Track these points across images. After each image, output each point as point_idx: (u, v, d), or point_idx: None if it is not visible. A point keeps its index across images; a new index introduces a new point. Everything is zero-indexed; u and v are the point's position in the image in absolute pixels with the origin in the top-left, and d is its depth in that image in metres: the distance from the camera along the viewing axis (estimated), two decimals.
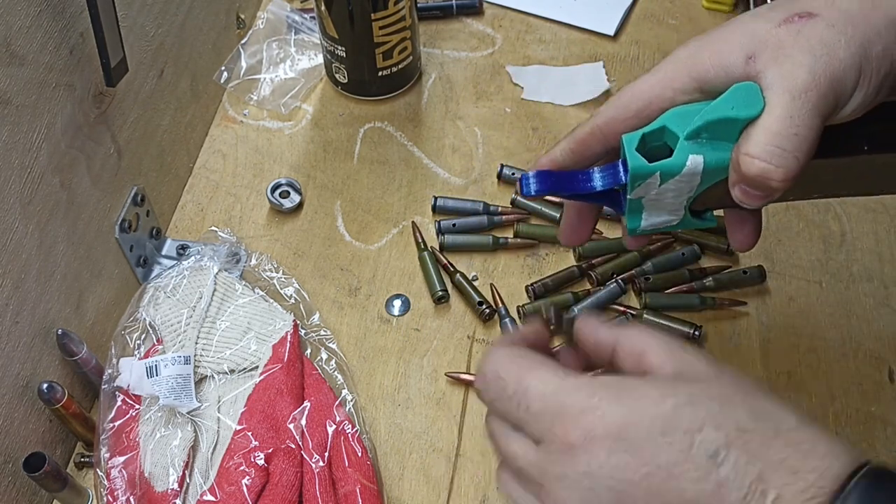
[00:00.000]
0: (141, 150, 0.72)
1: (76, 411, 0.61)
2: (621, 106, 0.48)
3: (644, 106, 0.47)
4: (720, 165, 0.45)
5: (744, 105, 0.43)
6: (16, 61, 0.54)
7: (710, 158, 0.45)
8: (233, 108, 0.86)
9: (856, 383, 0.67)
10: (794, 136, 0.42)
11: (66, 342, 0.61)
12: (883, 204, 0.77)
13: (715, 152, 0.45)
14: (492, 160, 0.81)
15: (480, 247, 0.75)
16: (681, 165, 0.45)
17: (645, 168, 0.45)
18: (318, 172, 0.81)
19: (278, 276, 0.72)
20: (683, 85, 0.46)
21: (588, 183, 0.48)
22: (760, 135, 0.43)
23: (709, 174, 0.45)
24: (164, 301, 0.67)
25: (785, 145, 0.42)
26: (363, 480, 0.60)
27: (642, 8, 0.93)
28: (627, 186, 0.46)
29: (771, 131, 0.42)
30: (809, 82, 0.42)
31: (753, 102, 0.43)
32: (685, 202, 0.48)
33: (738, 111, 0.43)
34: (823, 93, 0.42)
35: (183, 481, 0.60)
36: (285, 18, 0.90)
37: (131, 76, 0.66)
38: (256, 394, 0.63)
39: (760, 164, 0.42)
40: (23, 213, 0.57)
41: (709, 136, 0.45)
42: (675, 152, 0.45)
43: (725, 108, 0.43)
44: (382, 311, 0.72)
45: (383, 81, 0.84)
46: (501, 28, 0.92)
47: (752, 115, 0.43)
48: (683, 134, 0.45)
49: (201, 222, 0.78)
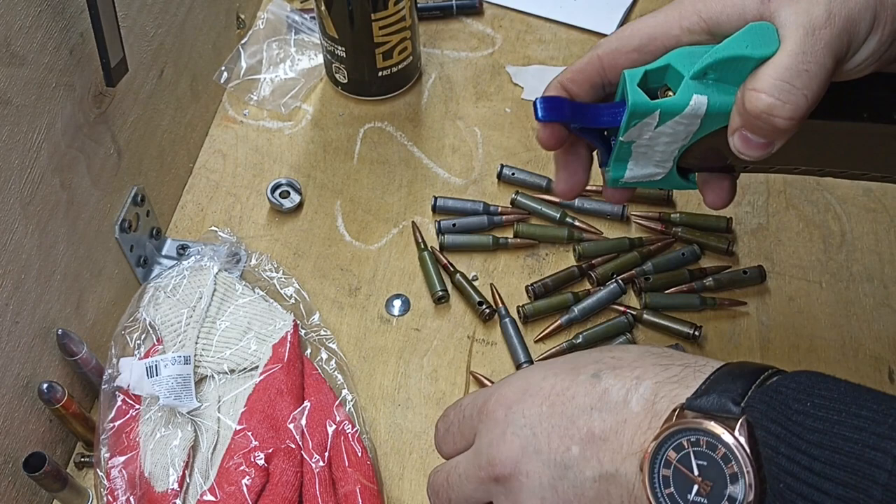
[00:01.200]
0: (141, 150, 0.72)
1: (76, 411, 0.62)
2: (624, 38, 0.47)
3: (648, 41, 0.46)
4: (723, 110, 0.44)
5: (759, 44, 0.42)
6: (16, 61, 0.54)
7: (714, 100, 0.43)
8: (233, 108, 0.86)
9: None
10: (805, 72, 0.41)
11: (66, 342, 0.61)
12: (883, 204, 0.77)
13: (720, 95, 0.43)
14: (492, 160, 0.81)
15: (480, 247, 0.75)
16: (683, 104, 0.43)
17: (646, 105, 0.44)
18: (318, 172, 0.81)
19: (278, 276, 0.72)
20: (692, 24, 0.45)
21: (594, 115, 0.46)
22: (771, 70, 0.42)
23: (710, 118, 0.44)
24: (164, 301, 0.67)
25: (795, 81, 0.41)
26: (363, 480, 0.60)
27: (642, 8, 0.93)
28: (622, 127, 0.45)
29: (782, 66, 0.41)
30: (825, 19, 0.41)
31: (769, 42, 0.42)
32: (676, 152, 0.46)
33: (753, 49, 0.42)
34: (838, 32, 0.41)
35: (183, 481, 0.60)
36: (285, 18, 0.90)
37: (131, 76, 0.66)
38: (256, 394, 0.63)
39: (768, 100, 0.41)
40: (23, 213, 0.57)
41: (716, 77, 0.43)
42: (679, 90, 0.44)
43: (739, 47, 0.42)
44: (382, 311, 0.72)
45: (383, 81, 0.84)
46: (501, 28, 0.92)
47: (766, 55, 0.42)
48: (690, 73, 0.43)
49: (201, 222, 0.78)
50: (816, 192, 0.78)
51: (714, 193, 0.51)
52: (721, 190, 0.51)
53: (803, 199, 0.77)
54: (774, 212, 0.77)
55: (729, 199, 0.51)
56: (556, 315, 0.71)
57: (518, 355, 0.68)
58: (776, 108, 0.41)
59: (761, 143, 0.43)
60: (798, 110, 0.42)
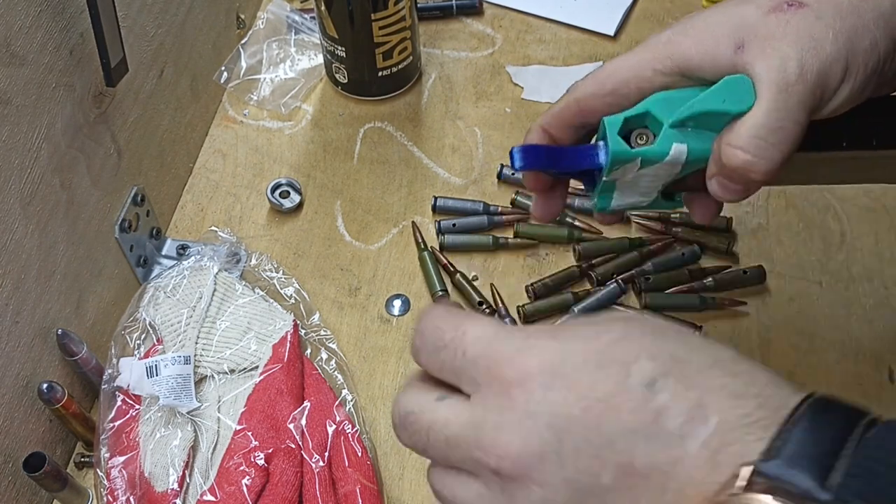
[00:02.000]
0: (141, 150, 0.72)
1: (76, 411, 0.61)
2: (598, 82, 0.47)
3: (621, 84, 0.46)
4: (703, 156, 0.44)
5: (736, 99, 0.43)
6: (16, 61, 0.54)
7: (693, 148, 0.44)
8: (233, 108, 0.86)
9: (856, 383, 0.67)
10: (780, 129, 0.42)
11: (66, 342, 0.61)
12: (883, 204, 0.77)
13: (699, 142, 0.44)
14: (492, 160, 0.81)
15: (480, 247, 0.75)
16: (664, 153, 0.44)
17: (626, 153, 0.44)
18: (318, 172, 0.81)
19: (278, 276, 0.72)
20: (665, 67, 0.45)
21: (571, 160, 0.47)
22: (746, 127, 0.42)
23: (690, 163, 0.45)
24: (164, 301, 0.67)
25: (769, 138, 0.42)
26: (363, 480, 0.60)
27: (642, 8, 0.93)
28: (605, 169, 0.46)
29: (756, 124, 0.42)
30: (797, 75, 0.41)
31: (745, 97, 0.42)
32: (660, 186, 0.47)
33: (730, 105, 0.43)
34: (811, 87, 0.42)
35: (183, 481, 0.60)
36: (285, 18, 0.90)
37: (131, 76, 0.66)
38: (256, 394, 0.63)
39: (744, 156, 0.42)
40: (23, 213, 0.57)
41: (694, 126, 0.44)
42: (659, 139, 0.44)
43: (717, 101, 0.43)
44: (382, 311, 0.72)
45: (383, 81, 0.84)
46: (501, 28, 0.92)
47: (743, 110, 0.43)
48: (668, 121, 0.44)
49: (201, 222, 0.78)
50: (816, 192, 0.78)
51: (700, 210, 0.51)
52: (707, 206, 0.51)
53: (803, 199, 0.77)
54: (774, 212, 0.77)
55: (716, 213, 0.51)
56: (556, 315, 0.71)
57: None
58: (752, 164, 0.42)
59: (738, 189, 0.44)
60: (773, 164, 0.42)
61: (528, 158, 0.46)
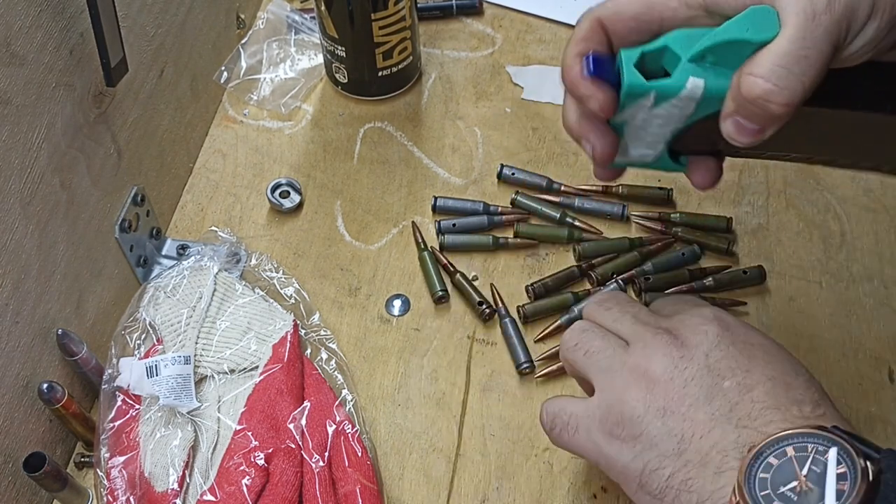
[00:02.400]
0: (141, 150, 0.72)
1: (76, 411, 0.61)
2: (622, 3, 0.46)
3: (646, 9, 0.45)
4: (719, 94, 0.43)
5: (759, 28, 0.41)
6: (16, 61, 0.54)
7: (711, 84, 0.43)
8: (233, 108, 0.86)
9: (856, 383, 0.67)
10: (804, 58, 0.41)
11: (66, 342, 0.61)
12: (883, 204, 0.77)
13: (717, 78, 0.43)
14: (492, 160, 0.81)
15: (480, 247, 0.75)
16: (679, 87, 0.43)
17: (641, 85, 0.43)
18: (318, 172, 0.81)
19: (278, 276, 0.72)
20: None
21: None
22: (769, 54, 0.41)
23: (706, 102, 0.44)
24: (164, 301, 0.67)
25: (793, 66, 0.41)
26: (363, 480, 0.60)
27: None
28: (621, 102, 0.44)
29: (781, 51, 0.41)
30: (825, 5, 0.41)
31: (769, 26, 0.41)
32: (669, 134, 0.46)
33: (753, 34, 0.41)
34: (837, 18, 0.41)
35: (183, 481, 0.60)
36: (285, 18, 0.90)
37: (131, 76, 0.66)
38: (256, 394, 0.63)
39: (765, 85, 0.41)
40: (23, 213, 0.57)
41: (714, 61, 0.43)
42: (676, 72, 0.43)
43: (740, 30, 0.42)
44: (382, 311, 0.72)
45: (383, 81, 0.84)
46: (501, 28, 0.92)
47: (766, 39, 0.41)
48: (688, 55, 0.43)
49: (201, 222, 0.78)
50: (816, 192, 0.78)
51: (700, 174, 0.50)
52: (708, 171, 0.50)
53: (803, 199, 0.77)
54: (774, 212, 0.77)
55: (716, 179, 0.51)
56: (556, 315, 0.71)
57: (518, 355, 0.68)
58: (772, 94, 0.41)
59: (753, 130, 0.43)
60: (794, 96, 0.41)
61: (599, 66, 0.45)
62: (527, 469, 0.64)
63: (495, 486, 0.63)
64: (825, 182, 0.78)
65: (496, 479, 0.63)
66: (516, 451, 0.64)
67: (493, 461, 0.64)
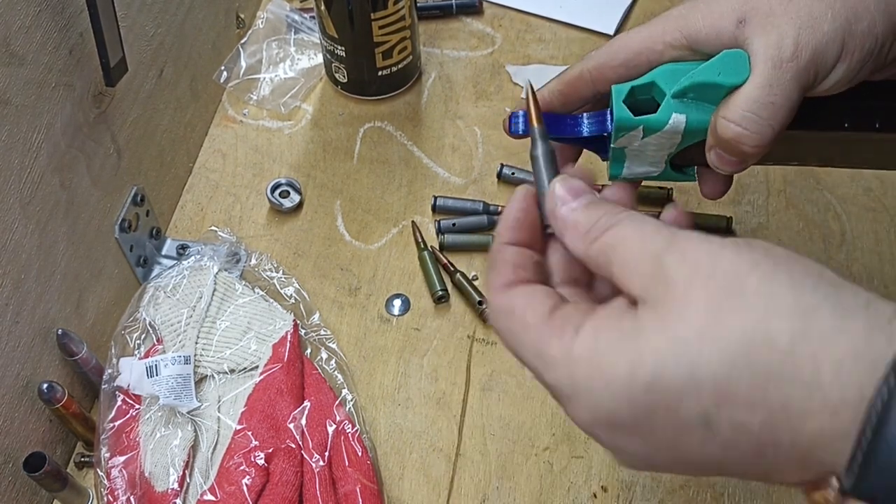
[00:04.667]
0: (141, 150, 0.72)
1: (76, 411, 0.61)
2: (611, 53, 0.48)
3: (633, 56, 0.47)
4: (701, 127, 0.46)
5: (730, 72, 0.44)
6: (15, 61, 0.54)
7: (692, 119, 0.46)
8: (232, 108, 0.86)
9: None
10: (771, 104, 0.43)
11: (66, 342, 0.61)
12: (883, 204, 0.77)
13: (698, 114, 0.46)
14: (492, 160, 0.81)
15: (480, 246, 0.75)
16: (663, 122, 0.46)
17: (629, 121, 0.46)
18: (318, 172, 0.81)
19: (278, 276, 0.72)
20: (674, 40, 0.46)
21: (576, 128, 0.48)
22: (739, 100, 0.44)
23: (690, 134, 0.46)
24: (164, 301, 0.67)
25: (761, 112, 0.43)
26: (363, 480, 0.60)
27: (642, 7, 0.93)
28: (612, 137, 0.47)
29: (749, 98, 0.43)
30: (791, 52, 0.43)
31: (740, 70, 0.44)
32: (666, 157, 0.49)
33: (724, 77, 0.44)
34: (804, 65, 0.43)
35: (183, 481, 0.60)
36: (285, 18, 0.90)
37: (131, 76, 0.66)
38: (256, 393, 0.63)
39: (735, 129, 0.44)
40: (23, 213, 0.57)
41: (694, 97, 0.45)
42: (660, 109, 0.46)
43: (712, 73, 0.44)
44: (382, 311, 0.72)
45: (383, 81, 0.84)
46: (501, 27, 0.92)
47: (736, 83, 0.44)
48: (671, 91, 0.46)
49: (201, 222, 0.78)
50: (816, 192, 0.78)
51: (709, 184, 0.52)
52: (716, 181, 0.51)
53: (803, 198, 0.77)
54: (774, 211, 0.77)
55: (724, 189, 0.52)
56: None
57: None
58: (743, 137, 0.44)
59: (734, 161, 0.46)
60: (763, 139, 0.44)
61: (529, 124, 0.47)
62: (527, 469, 0.64)
63: (495, 486, 0.63)
64: (825, 181, 0.78)
65: (496, 478, 0.63)
66: (516, 450, 0.64)
67: (493, 461, 0.64)
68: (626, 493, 0.62)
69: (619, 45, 0.48)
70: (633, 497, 0.62)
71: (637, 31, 0.48)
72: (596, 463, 0.63)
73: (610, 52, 0.48)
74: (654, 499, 0.62)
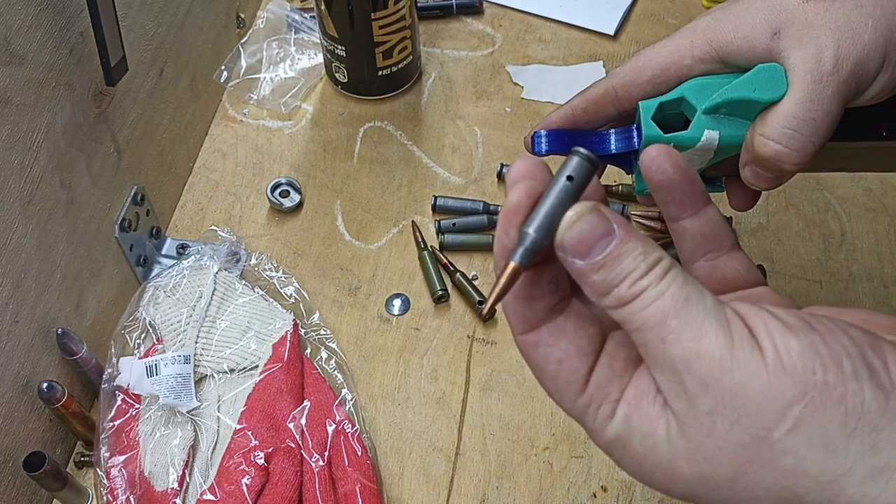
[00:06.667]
0: (141, 150, 0.72)
1: (76, 411, 0.61)
2: (637, 70, 0.46)
3: (660, 72, 0.46)
4: (735, 143, 0.44)
5: (767, 87, 0.42)
6: (16, 61, 0.54)
7: (725, 135, 0.44)
8: (233, 108, 0.86)
9: None
10: (812, 120, 0.41)
11: (66, 341, 0.61)
12: (883, 204, 0.77)
13: (731, 129, 0.44)
14: (492, 160, 0.81)
15: (480, 246, 0.75)
16: (696, 139, 0.44)
17: (659, 138, 0.44)
18: (318, 172, 0.81)
19: (278, 276, 0.72)
20: (703, 53, 0.44)
21: (603, 145, 0.47)
22: (778, 117, 0.42)
23: (723, 150, 0.45)
24: (164, 300, 0.67)
25: (802, 129, 0.41)
26: (363, 480, 0.60)
27: (642, 7, 0.93)
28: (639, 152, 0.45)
29: (789, 114, 0.41)
30: (832, 65, 0.41)
31: (777, 86, 0.42)
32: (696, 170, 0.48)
33: (761, 93, 0.42)
34: (846, 78, 0.41)
35: (183, 480, 0.60)
36: (285, 18, 0.90)
37: (131, 75, 0.66)
38: (256, 393, 0.63)
39: (775, 147, 0.42)
40: (23, 213, 0.57)
41: (727, 113, 0.44)
42: (692, 125, 0.44)
43: (748, 89, 0.43)
44: (382, 311, 0.72)
45: (383, 81, 0.84)
46: (501, 27, 0.92)
47: (773, 99, 0.42)
48: (702, 108, 0.44)
49: (201, 222, 0.78)
50: (816, 192, 0.78)
51: (738, 197, 0.50)
52: (746, 193, 0.50)
53: (803, 198, 0.77)
54: (774, 211, 0.77)
55: (754, 201, 0.50)
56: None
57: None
58: (783, 155, 0.42)
59: (771, 178, 0.44)
60: (805, 156, 0.42)
61: (553, 143, 0.45)
62: (526, 468, 0.64)
63: (495, 486, 0.63)
64: (825, 181, 0.78)
65: (496, 478, 0.63)
66: (516, 450, 0.64)
67: (492, 460, 0.64)
68: (626, 493, 0.62)
69: (645, 62, 0.46)
70: (632, 497, 0.62)
71: (663, 46, 0.46)
72: (596, 463, 0.63)
73: (635, 68, 0.46)
74: (654, 499, 0.62)
